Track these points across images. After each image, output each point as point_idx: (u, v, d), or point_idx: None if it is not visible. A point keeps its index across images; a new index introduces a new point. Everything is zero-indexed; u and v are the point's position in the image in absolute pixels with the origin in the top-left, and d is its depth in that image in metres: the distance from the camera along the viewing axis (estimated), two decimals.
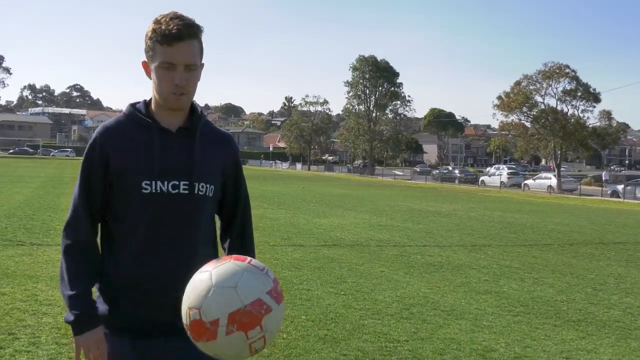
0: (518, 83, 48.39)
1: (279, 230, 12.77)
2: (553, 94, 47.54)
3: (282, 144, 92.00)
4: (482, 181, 51.20)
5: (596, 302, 7.30)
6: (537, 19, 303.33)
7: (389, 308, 6.42)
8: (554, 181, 43.65)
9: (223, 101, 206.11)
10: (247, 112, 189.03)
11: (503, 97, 48.48)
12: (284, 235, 12.02)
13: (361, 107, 69.63)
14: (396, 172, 66.88)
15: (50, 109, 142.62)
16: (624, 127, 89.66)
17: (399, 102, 70.19)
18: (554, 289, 7.90)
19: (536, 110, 48.06)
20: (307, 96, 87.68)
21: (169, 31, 1.87)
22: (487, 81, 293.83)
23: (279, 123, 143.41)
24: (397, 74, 69.97)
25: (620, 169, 78.57)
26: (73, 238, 1.96)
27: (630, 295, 7.81)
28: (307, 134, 77.57)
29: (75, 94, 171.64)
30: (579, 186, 42.14)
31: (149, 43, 1.92)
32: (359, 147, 70.87)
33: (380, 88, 69.03)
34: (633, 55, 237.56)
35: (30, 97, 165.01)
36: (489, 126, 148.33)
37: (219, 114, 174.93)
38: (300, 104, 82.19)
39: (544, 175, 47.68)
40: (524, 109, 47.96)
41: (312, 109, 78.87)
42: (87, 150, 1.99)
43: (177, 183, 1.95)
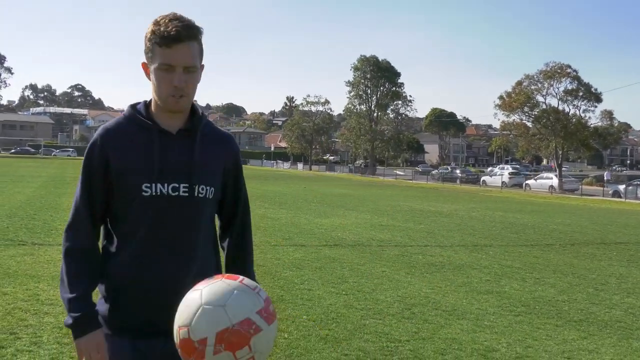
0: (519, 83, 48.36)
1: (281, 230, 12.77)
2: (554, 94, 47.53)
3: (283, 144, 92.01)
4: (484, 181, 51.16)
5: (598, 302, 7.29)
6: (539, 18, 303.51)
7: (390, 308, 6.42)
8: (555, 181, 43.60)
9: (224, 101, 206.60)
10: (249, 112, 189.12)
11: (504, 97, 48.43)
12: (286, 235, 12.03)
13: (362, 107, 69.58)
14: (397, 172, 66.83)
15: (51, 109, 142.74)
16: (626, 127, 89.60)
17: (400, 102, 70.16)
18: (555, 289, 7.90)
19: (537, 110, 48.02)
20: (308, 96, 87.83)
21: (168, 33, 1.86)
22: (488, 81, 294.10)
23: (280, 123, 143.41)
24: (398, 74, 69.96)
25: (621, 169, 78.48)
26: (74, 240, 1.95)
27: (631, 295, 7.81)
28: (308, 134, 77.54)
29: (76, 93, 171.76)
30: (580, 186, 42.12)
31: (148, 45, 1.91)
32: (360, 147, 70.84)
33: (381, 88, 69.00)
34: (635, 55, 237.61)
35: (31, 96, 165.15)
36: (490, 126, 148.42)
37: (221, 113, 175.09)
38: (302, 103, 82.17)
39: (545, 175, 47.60)
40: (526, 108, 47.91)
41: (313, 108, 78.89)
42: (87, 151, 1.98)
43: (177, 185, 1.94)
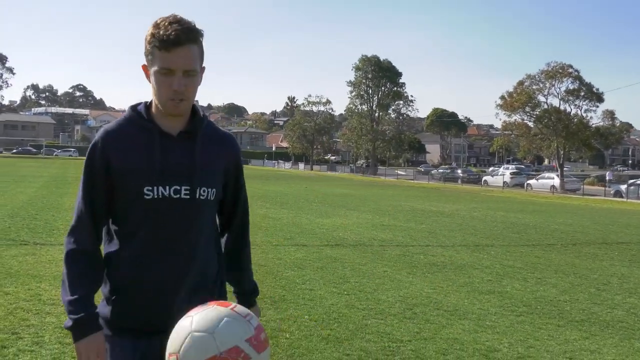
0: (521, 83, 48.31)
1: (282, 230, 12.78)
2: (556, 94, 47.44)
3: (284, 144, 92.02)
4: (485, 181, 51.16)
5: (599, 302, 7.29)
6: (540, 18, 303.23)
7: (392, 308, 6.42)
8: (556, 181, 43.58)
9: (226, 101, 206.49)
10: (250, 112, 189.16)
11: (506, 96, 48.38)
12: (287, 235, 12.03)
13: (364, 107, 69.57)
14: (399, 172, 66.78)
15: (53, 109, 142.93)
16: (627, 126, 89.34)
17: (401, 102, 70.12)
18: (557, 289, 7.89)
19: (539, 110, 47.96)
20: (309, 96, 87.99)
21: (167, 36, 1.83)
22: (489, 81, 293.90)
23: (281, 123, 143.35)
24: (399, 74, 69.95)
25: (623, 169, 78.43)
26: (75, 244, 1.94)
27: (633, 295, 7.80)
28: (309, 134, 77.51)
29: (78, 93, 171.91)
30: (582, 186, 42.09)
31: (148, 47, 1.89)
32: (361, 147, 70.81)
33: (383, 88, 68.99)
34: (636, 55, 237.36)
35: (33, 97, 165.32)
36: (491, 126, 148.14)
37: (222, 113, 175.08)
38: (303, 103, 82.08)
39: (546, 175, 47.58)
40: (527, 108, 47.85)
41: (314, 108, 78.82)
42: (88, 154, 1.97)
43: (178, 188, 1.94)
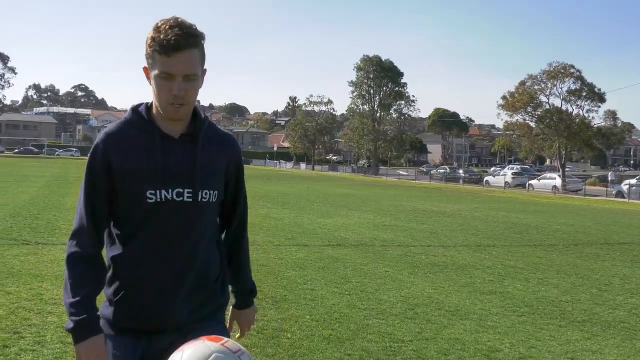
0: (522, 83, 48.30)
1: (283, 229, 12.78)
2: (558, 94, 47.46)
3: (286, 144, 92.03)
4: (487, 181, 51.14)
5: (601, 302, 7.28)
6: (541, 18, 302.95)
7: (393, 308, 6.42)
8: (558, 181, 43.55)
9: (227, 101, 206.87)
10: (251, 112, 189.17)
11: (507, 97, 48.37)
12: (288, 234, 12.03)
13: (365, 107, 69.61)
14: (400, 172, 66.77)
15: (55, 109, 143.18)
16: (629, 127, 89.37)
17: (403, 102, 70.16)
18: (558, 290, 7.88)
19: (541, 110, 47.95)
20: (311, 96, 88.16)
21: (168, 41, 1.81)
22: (491, 81, 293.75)
23: (283, 123, 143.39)
24: (401, 74, 69.96)
25: (624, 169, 78.36)
26: (77, 247, 1.94)
27: (635, 295, 7.78)
28: (311, 134, 77.56)
29: (79, 93, 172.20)
30: (583, 186, 42.04)
31: (149, 51, 1.87)
32: (363, 146, 70.84)
33: (384, 88, 69.01)
34: (637, 55, 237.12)
35: (35, 96, 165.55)
36: (493, 126, 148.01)
37: (223, 113, 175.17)
38: (305, 103, 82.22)
39: (548, 175, 47.56)
40: (529, 108, 47.86)
41: (316, 108, 78.94)
42: (89, 157, 1.96)
43: (181, 191, 1.94)
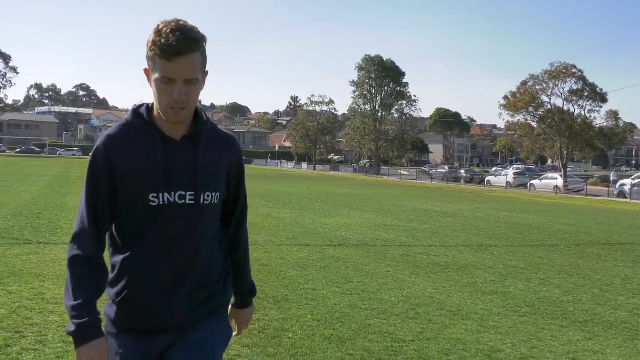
0: (524, 83, 48.23)
1: (285, 229, 12.78)
2: (559, 94, 47.37)
3: (287, 144, 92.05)
4: (488, 181, 51.11)
5: (603, 303, 7.27)
6: (544, 18, 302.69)
7: (395, 308, 6.41)
8: (560, 181, 43.52)
9: (229, 101, 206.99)
10: (253, 112, 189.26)
11: (509, 97, 48.32)
12: (290, 234, 12.03)
13: (367, 106, 69.65)
14: (402, 172, 66.76)
15: (56, 108, 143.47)
16: (631, 127, 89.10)
17: (404, 102, 70.19)
18: (560, 290, 7.87)
19: (542, 110, 47.89)
20: (312, 96, 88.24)
21: (169, 46, 1.79)
22: (493, 81, 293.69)
23: (284, 123, 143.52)
24: (403, 74, 69.96)
25: (626, 169, 78.27)
26: (78, 249, 1.93)
27: (637, 296, 7.77)
28: (312, 134, 77.59)
29: (81, 93, 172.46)
30: (585, 186, 41.99)
31: (150, 54, 1.86)
32: (364, 146, 70.85)
33: (386, 88, 69.03)
34: (637, 55, 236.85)
35: (37, 96, 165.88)
36: (495, 126, 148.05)
37: (225, 113, 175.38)
38: (306, 103, 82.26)
39: (550, 175, 47.53)
40: (530, 109, 47.79)
41: (317, 108, 79.00)
42: (91, 159, 1.95)
43: (183, 193, 1.94)
